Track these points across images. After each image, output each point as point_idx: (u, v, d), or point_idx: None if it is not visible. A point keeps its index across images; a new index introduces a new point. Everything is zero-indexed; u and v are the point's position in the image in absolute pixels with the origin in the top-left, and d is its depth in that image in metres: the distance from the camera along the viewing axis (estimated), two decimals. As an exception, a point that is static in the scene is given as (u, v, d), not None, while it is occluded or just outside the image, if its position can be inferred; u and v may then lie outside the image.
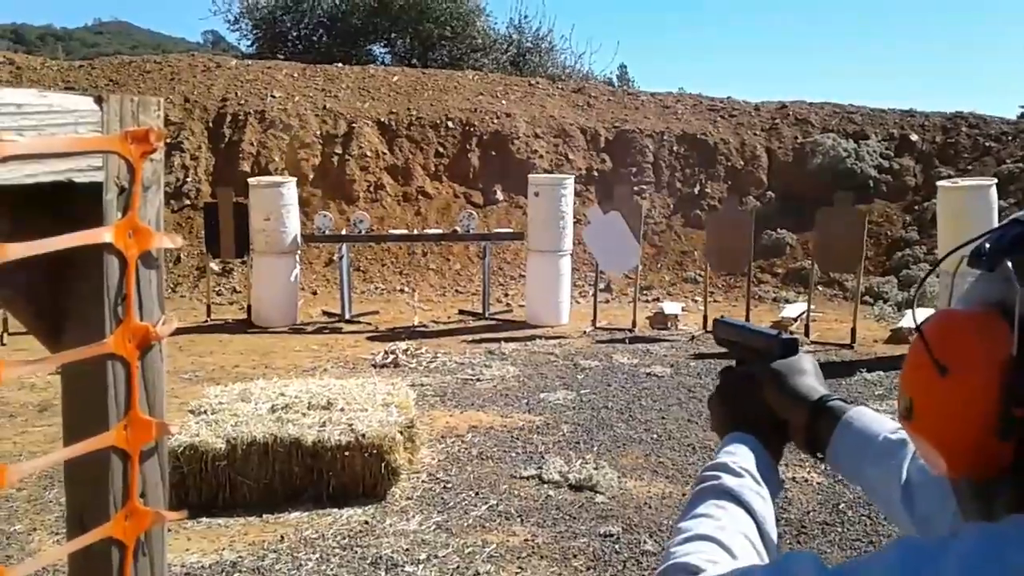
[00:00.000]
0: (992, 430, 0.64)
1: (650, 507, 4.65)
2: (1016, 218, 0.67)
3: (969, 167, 12.53)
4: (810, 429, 1.05)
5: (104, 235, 1.10)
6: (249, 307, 9.66)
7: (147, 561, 1.21)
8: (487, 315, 9.99)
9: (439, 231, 11.09)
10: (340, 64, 15.38)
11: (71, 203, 1.10)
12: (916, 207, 12.27)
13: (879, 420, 1.03)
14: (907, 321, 8.99)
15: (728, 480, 0.95)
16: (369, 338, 8.92)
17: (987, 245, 0.68)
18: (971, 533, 0.63)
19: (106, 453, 1.14)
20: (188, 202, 12.00)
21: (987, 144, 12.94)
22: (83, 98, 1.12)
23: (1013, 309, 0.64)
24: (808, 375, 1.08)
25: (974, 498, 0.70)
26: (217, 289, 10.92)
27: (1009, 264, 0.66)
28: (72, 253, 1.08)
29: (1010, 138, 12.97)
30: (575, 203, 10.16)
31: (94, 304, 1.12)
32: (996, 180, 8.77)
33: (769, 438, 1.06)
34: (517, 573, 3.90)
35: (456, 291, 11.45)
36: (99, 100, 1.12)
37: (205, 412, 5.05)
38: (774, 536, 0.94)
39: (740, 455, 1.01)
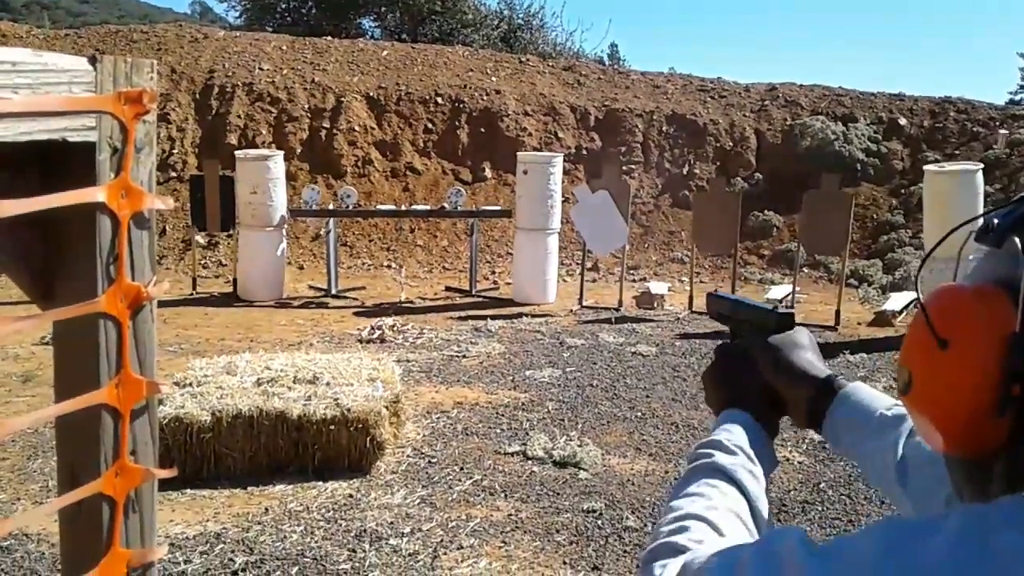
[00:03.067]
0: (989, 406, 0.64)
1: (633, 484, 4.69)
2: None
3: (956, 152, 12.59)
4: (809, 404, 1.04)
5: (97, 195, 1.10)
6: (235, 280, 9.63)
7: (137, 518, 1.22)
8: (474, 292, 9.99)
9: (427, 207, 11.06)
10: (329, 37, 15.26)
11: (64, 163, 1.09)
12: (903, 191, 12.33)
13: (876, 396, 1.03)
14: (891, 304, 9.06)
15: (721, 458, 0.95)
16: (355, 313, 8.92)
17: (995, 221, 0.68)
18: (956, 514, 0.63)
19: (97, 410, 1.15)
20: (174, 174, 11.91)
21: (975, 129, 13.00)
22: (77, 58, 1.12)
23: (1018, 286, 0.64)
24: (805, 349, 1.07)
25: (969, 476, 0.70)
26: (203, 262, 10.88)
27: (1017, 240, 0.66)
28: (65, 213, 1.08)
29: (997, 123, 13.02)
30: (563, 181, 10.15)
31: (86, 264, 1.12)
32: (983, 165, 8.81)
33: (764, 413, 1.06)
34: (500, 547, 3.93)
35: (443, 268, 11.45)
36: (93, 60, 1.11)
37: (190, 384, 5.05)
38: (766, 514, 0.93)
39: (734, 432, 1.01)
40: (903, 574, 0.59)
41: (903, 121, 13.29)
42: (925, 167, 9.17)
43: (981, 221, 0.69)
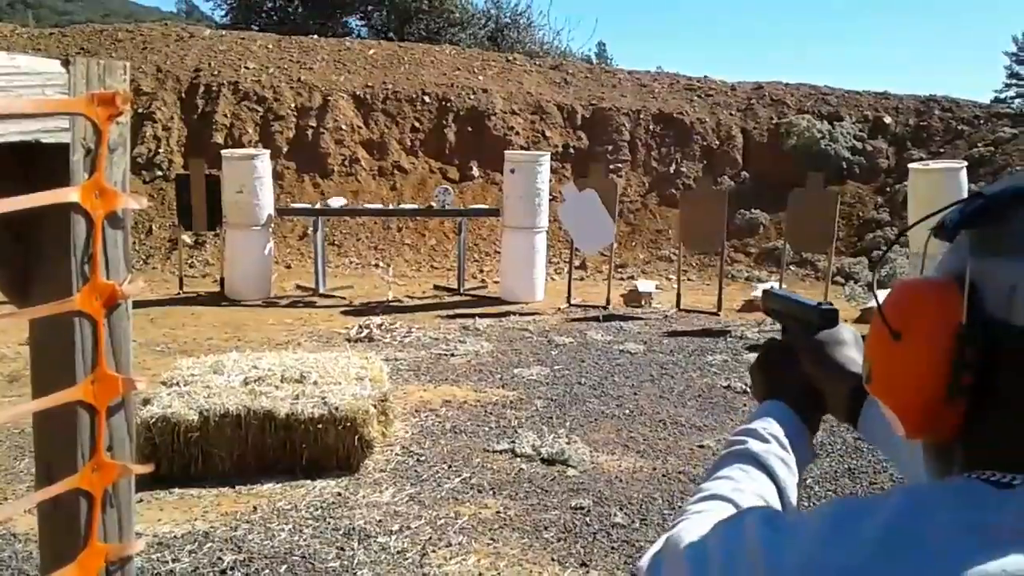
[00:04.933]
0: (942, 394, 0.66)
1: (621, 481, 4.70)
2: (980, 190, 0.69)
3: (941, 150, 12.68)
4: (847, 400, 1.07)
5: (71, 195, 1.11)
6: (222, 280, 9.60)
7: (115, 513, 1.23)
8: (462, 291, 10.00)
9: (415, 206, 11.06)
10: (315, 36, 15.22)
11: (38, 165, 1.11)
12: (888, 189, 12.40)
13: None
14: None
15: (754, 445, 0.98)
16: (343, 312, 8.90)
17: (950, 217, 0.70)
18: (899, 492, 0.66)
19: (73, 407, 1.16)
20: (160, 173, 11.86)
21: (959, 128, 13.09)
22: (50, 61, 1.13)
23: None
24: (848, 346, 1.10)
25: (933, 459, 0.72)
26: (189, 262, 10.83)
27: (965, 235, 0.69)
28: (40, 214, 1.10)
29: (981, 122, 13.12)
30: (551, 180, 10.16)
31: (61, 263, 1.14)
32: (967, 163, 8.89)
33: (805, 407, 1.08)
34: (489, 544, 3.94)
35: (431, 266, 11.44)
36: (66, 63, 1.12)
37: (177, 384, 5.03)
38: (795, 502, 0.96)
39: (771, 422, 1.04)
40: (845, 549, 0.61)
41: (888, 120, 13.37)
42: (910, 165, 9.23)
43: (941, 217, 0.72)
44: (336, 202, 10.52)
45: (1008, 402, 0.64)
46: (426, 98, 13.19)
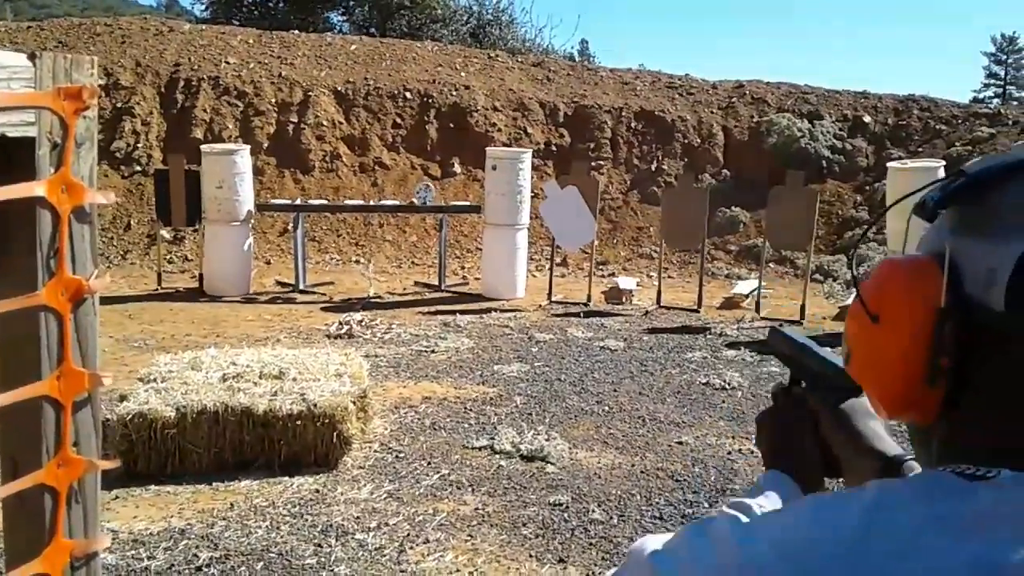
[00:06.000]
0: (921, 377, 0.65)
1: (599, 477, 4.71)
2: (962, 169, 0.68)
3: (919, 149, 12.78)
4: (873, 479, 1.01)
5: (36, 189, 1.11)
6: (201, 276, 9.54)
7: (80, 509, 1.22)
8: (443, 287, 9.98)
9: (396, 202, 11.04)
10: (296, 31, 15.15)
11: (3, 159, 1.10)
12: (867, 187, 12.49)
13: None
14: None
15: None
16: (323, 309, 8.87)
17: (931, 195, 0.69)
18: (873, 485, 0.66)
19: (39, 402, 1.16)
20: (139, 168, 11.77)
21: (938, 127, 13.19)
22: (16, 55, 1.12)
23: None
24: (874, 417, 1.01)
25: (918, 440, 0.73)
26: (168, 257, 10.76)
27: (945, 214, 0.68)
28: (5, 208, 1.09)
29: (960, 121, 13.23)
30: (532, 177, 10.16)
31: (27, 258, 1.14)
32: (944, 162, 8.96)
33: (814, 480, 1.01)
34: (467, 540, 3.94)
35: (412, 263, 11.42)
36: (32, 57, 1.12)
37: (155, 380, 5.00)
38: None
39: (770, 500, 0.95)
40: (826, 529, 0.61)
41: (868, 119, 13.46)
42: (888, 164, 9.30)
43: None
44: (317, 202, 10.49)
45: (982, 388, 0.64)
46: (408, 94, 13.15)
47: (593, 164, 12.42)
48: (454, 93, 13.29)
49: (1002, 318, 0.62)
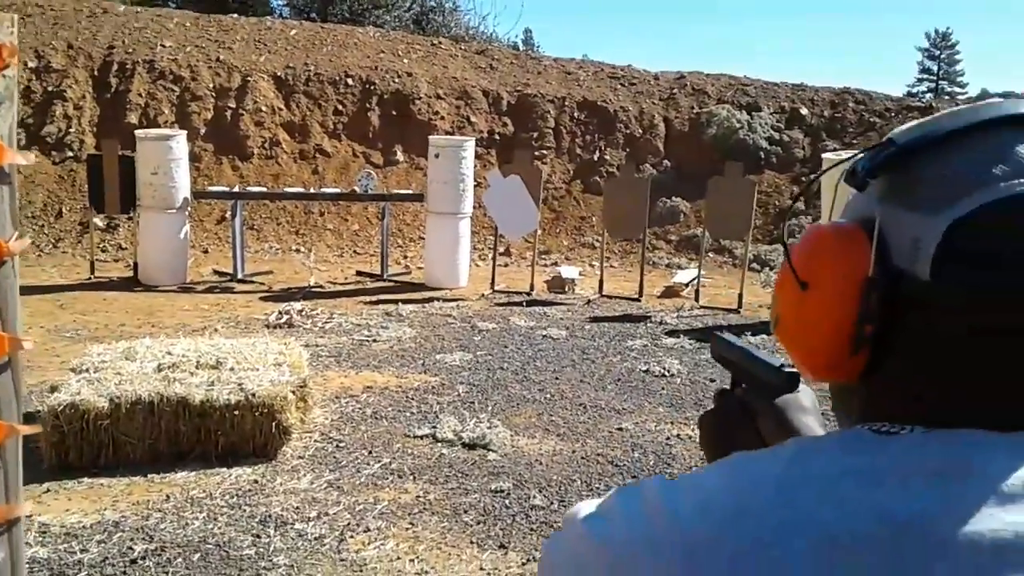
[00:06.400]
0: (846, 343, 0.67)
1: (541, 464, 4.75)
2: (891, 137, 0.69)
3: (854, 141, 13.07)
4: None
5: None
6: (135, 264, 9.32)
7: (1, 474, 1.19)
8: (385, 277, 9.92)
9: (337, 190, 10.91)
10: (235, 15, 14.86)
11: None
12: (803, 178, 12.73)
13: None
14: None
15: None
16: (262, 298, 8.75)
17: (861, 163, 0.69)
18: (794, 441, 0.68)
19: None
20: (71, 154, 11.44)
21: (872, 120, 13.51)
22: (-66, 14, 1.08)
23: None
24: (808, 413, 1.05)
25: (837, 402, 0.75)
26: (101, 245, 10.48)
27: (873, 184, 0.69)
28: None
29: (893, 114, 13.56)
30: (476, 166, 10.14)
31: None
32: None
33: None
34: (407, 528, 3.94)
35: (354, 252, 11.32)
36: (-50, 15, 1.08)
37: (87, 370, 4.88)
38: None
39: None
40: (741, 488, 0.63)
41: (805, 111, 13.72)
42: (824, 155, 9.50)
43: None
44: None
45: (903, 354, 0.66)
46: (349, 80, 13.01)
47: (536, 153, 12.44)
48: (396, 80, 13.18)
49: (926, 288, 0.63)
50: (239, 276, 9.47)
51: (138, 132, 9.68)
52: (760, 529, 0.60)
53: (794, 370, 1.06)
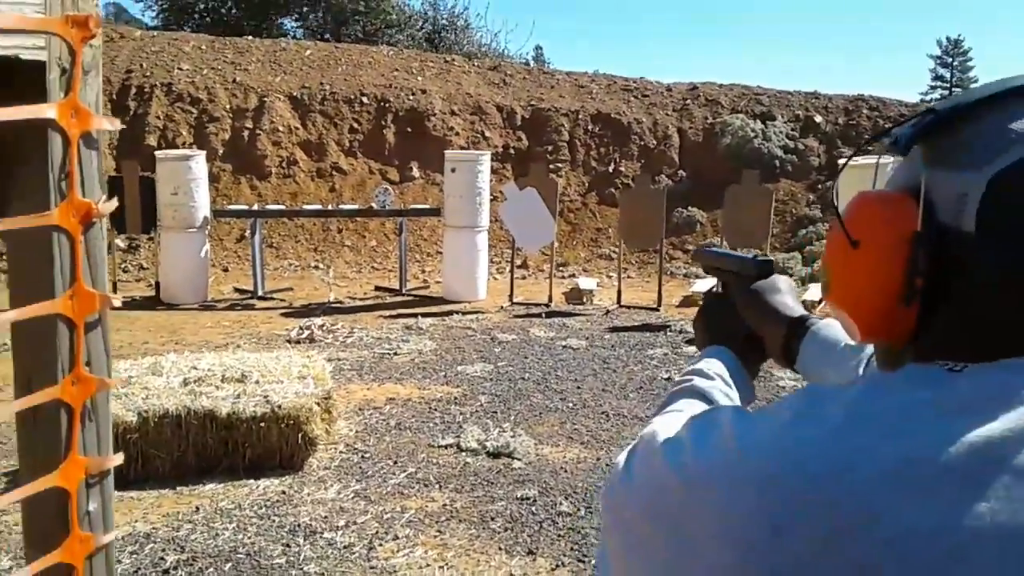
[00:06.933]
0: (897, 297, 0.71)
1: (566, 471, 4.75)
2: (931, 107, 0.73)
3: (870, 147, 13.04)
4: (783, 342, 1.13)
5: (48, 111, 1.14)
6: (157, 284, 9.41)
7: (94, 427, 1.25)
8: (404, 291, 9.96)
9: (354, 207, 10.99)
10: (250, 37, 15.03)
11: (12, 85, 1.14)
12: (819, 186, 12.72)
13: (842, 329, 1.11)
14: (810, 295, 9.34)
15: (699, 382, 1.04)
16: (283, 314, 8.81)
17: (903, 132, 0.74)
18: (860, 380, 0.70)
19: (53, 319, 1.19)
20: (91, 176, 11.57)
21: (887, 126, 13.48)
22: (25, -20, 1.16)
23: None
24: (782, 293, 1.16)
25: (886, 362, 0.78)
26: (123, 266, 10.60)
27: (918, 149, 0.73)
28: (15, 132, 1.13)
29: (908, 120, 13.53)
30: (491, 180, 10.20)
31: (38, 180, 1.17)
32: (894, 159, 9.17)
33: (746, 352, 1.15)
34: (436, 536, 3.94)
35: (372, 267, 11.38)
36: (41, -16, 1.16)
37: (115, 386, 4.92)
38: None
39: (713, 363, 1.09)
40: (810, 426, 0.65)
41: (819, 119, 13.72)
42: (840, 161, 9.49)
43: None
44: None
45: (956, 304, 0.69)
46: (364, 99, 13.12)
47: (551, 167, 12.49)
48: (411, 97, 13.28)
49: (972, 239, 0.67)
50: (259, 293, 9.54)
51: (158, 153, 9.80)
52: (831, 459, 0.62)
53: (768, 258, 1.22)
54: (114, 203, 1.26)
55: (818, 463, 0.62)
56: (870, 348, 1.04)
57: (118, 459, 1.31)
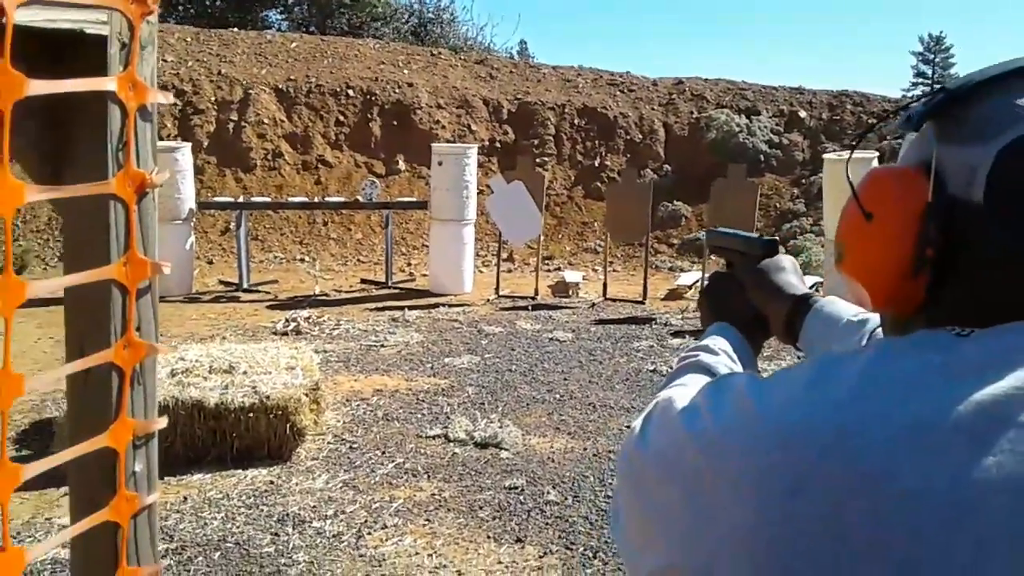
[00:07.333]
0: (908, 267, 0.74)
1: (553, 461, 4.78)
2: (943, 86, 0.76)
3: (853, 142, 13.13)
4: (786, 319, 1.16)
5: (108, 84, 1.19)
6: (142, 276, 9.35)
7: (142, 390, 1.29)
8: (390, 284, 9.96)
9: (340, 199, 10.97)
10: (235, 29, 14.95)
11: (76, 58, 1.19)
12: (803, 180, 12.80)
13: (845, 306, 1.15)
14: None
15: (705, 357, 1.06)
16: (268, 307, 8.79)
17: (915, 109, 0.77)
18: (872, 345, 0.73)
19: (107, 285, 1.23)
20: (74, 168, 11.50)
21: (870, 121, 13.57)
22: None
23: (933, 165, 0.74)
24: (787, 272, 1.20)
25: (895, 330, 0.80)
26: (107, 258, 10.54)
27: (930, 125, 0.76)
28: (76, 102, 1.18)
29: (891, 116, 13.62)
30: (478, 174, 10.20)
31: (96, 149, 1.22)
32: (878, 154, 9.25)
33: (750, 330, 1.18)
34: (424, 525, 3.96)
35: (358, 260, 11.37)
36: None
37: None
38: None
39: (718, 340, 1.13)
40: (825, 390, 0.67)
41: (803, 114, 13.80)
42: (825, 156, 9.56)
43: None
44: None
45: (964, 274, 0.72)
46: (350, 92, 13.08)
47: (537, 160, 12.51)
48: (397, 90, 13.26)
49: (981, 210, 0.70)
50: (245, 286, 9.52)
51: (142, 145, 9.73)
52: (844, 423, 0.64)
53: (774, 239, 1.26)
54: (167, 174, 1.30)
55: (832, 427, 0.64)
56: (872, 323, 1.07)
57: (162, 422, 1.35)
